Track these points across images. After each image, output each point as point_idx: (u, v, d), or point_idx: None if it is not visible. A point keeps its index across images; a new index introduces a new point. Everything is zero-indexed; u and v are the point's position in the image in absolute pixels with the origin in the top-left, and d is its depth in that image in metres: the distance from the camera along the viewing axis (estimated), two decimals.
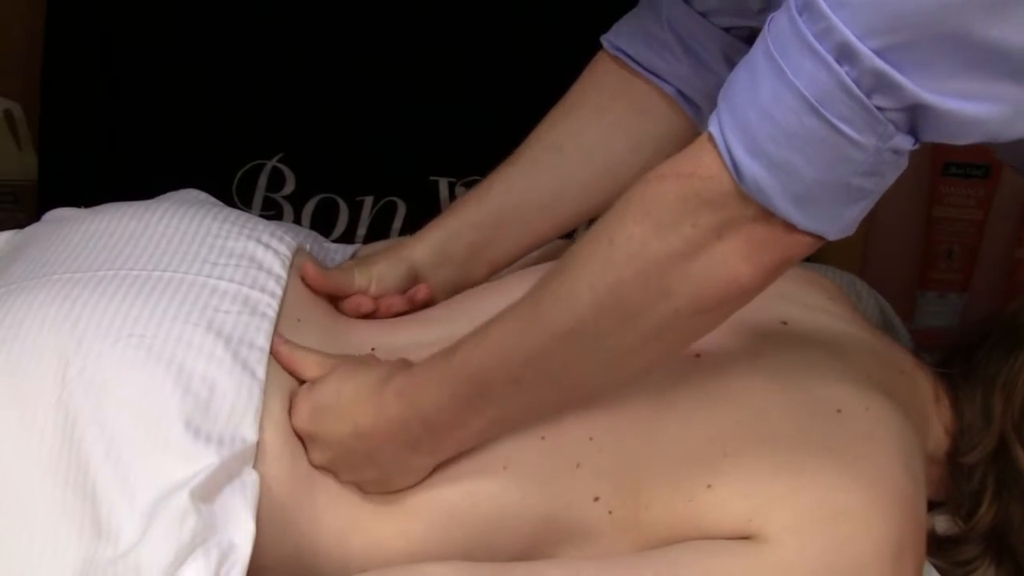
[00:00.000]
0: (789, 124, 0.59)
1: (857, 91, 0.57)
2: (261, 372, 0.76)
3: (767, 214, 0.61)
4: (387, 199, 1.38)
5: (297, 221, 1.36)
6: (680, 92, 0.93)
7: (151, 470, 0.69)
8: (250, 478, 0.71)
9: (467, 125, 1.36)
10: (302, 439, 0.76)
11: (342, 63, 1.34)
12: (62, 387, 0.71)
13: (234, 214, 0.91)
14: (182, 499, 0.67)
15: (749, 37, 0.84)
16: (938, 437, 0.87)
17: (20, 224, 0.95)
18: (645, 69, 0.93)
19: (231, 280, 0.81)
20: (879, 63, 0.57)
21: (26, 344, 0.73)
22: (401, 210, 1.38)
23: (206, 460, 0.69)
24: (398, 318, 0.91)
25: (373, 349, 0.83)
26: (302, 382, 0.79)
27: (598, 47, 0.96)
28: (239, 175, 1.34)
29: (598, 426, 0.77)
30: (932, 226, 1.48)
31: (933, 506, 0.84)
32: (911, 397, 0.85)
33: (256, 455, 0.73)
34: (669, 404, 0.78)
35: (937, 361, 0.91)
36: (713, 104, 0.64)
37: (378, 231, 1.38)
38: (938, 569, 0.85)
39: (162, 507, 0.67)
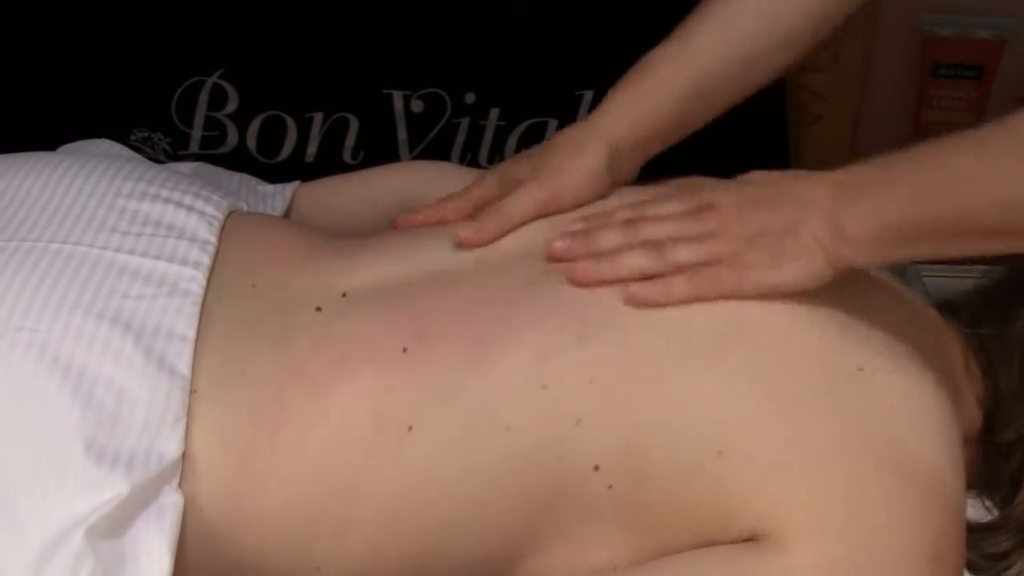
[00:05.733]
0: None
1: None
2: (184, 367, 0.66)
3: None
4: (338, 115, 1.29)
5: (242, 141, 1.28)
6: None
7: (43, 507, 0.60)
8: (170, 501, 0.63)
9: (422, 33, 1.27)
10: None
11: None
12: None
13: (152, 171, 0.80)
14: (76, 540, 0.59)
15: None
16: (970, 410, 0.76)
17: None
18: None
19: (144, 254, 0.70)
20: None
21: None
22: (353, 126, 1.30)
23: (112, 489, 0.61)
24: (353, 253, 0.77)
25: (344, 295, 0.73)
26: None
27: None
28: (177, 94, 1.25)
29: (599, 368, 0.67)
30: (921, 130, 1.38)
31: None
32: (938, 362, 0.72)
33: (182, 471, 0.64)
34: (682, 347, 0.68)
35: (966, 320, 0.79)
36: None
37: (329, 150, 1.30)
38: (968, 564, 0.73)
39: (55, 551, 0.59)
